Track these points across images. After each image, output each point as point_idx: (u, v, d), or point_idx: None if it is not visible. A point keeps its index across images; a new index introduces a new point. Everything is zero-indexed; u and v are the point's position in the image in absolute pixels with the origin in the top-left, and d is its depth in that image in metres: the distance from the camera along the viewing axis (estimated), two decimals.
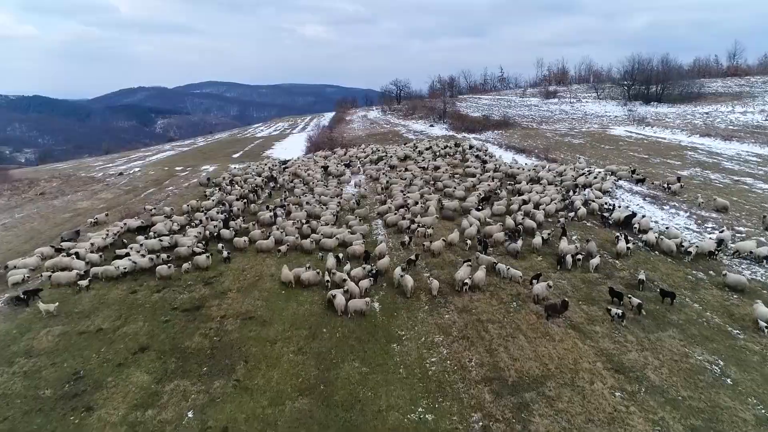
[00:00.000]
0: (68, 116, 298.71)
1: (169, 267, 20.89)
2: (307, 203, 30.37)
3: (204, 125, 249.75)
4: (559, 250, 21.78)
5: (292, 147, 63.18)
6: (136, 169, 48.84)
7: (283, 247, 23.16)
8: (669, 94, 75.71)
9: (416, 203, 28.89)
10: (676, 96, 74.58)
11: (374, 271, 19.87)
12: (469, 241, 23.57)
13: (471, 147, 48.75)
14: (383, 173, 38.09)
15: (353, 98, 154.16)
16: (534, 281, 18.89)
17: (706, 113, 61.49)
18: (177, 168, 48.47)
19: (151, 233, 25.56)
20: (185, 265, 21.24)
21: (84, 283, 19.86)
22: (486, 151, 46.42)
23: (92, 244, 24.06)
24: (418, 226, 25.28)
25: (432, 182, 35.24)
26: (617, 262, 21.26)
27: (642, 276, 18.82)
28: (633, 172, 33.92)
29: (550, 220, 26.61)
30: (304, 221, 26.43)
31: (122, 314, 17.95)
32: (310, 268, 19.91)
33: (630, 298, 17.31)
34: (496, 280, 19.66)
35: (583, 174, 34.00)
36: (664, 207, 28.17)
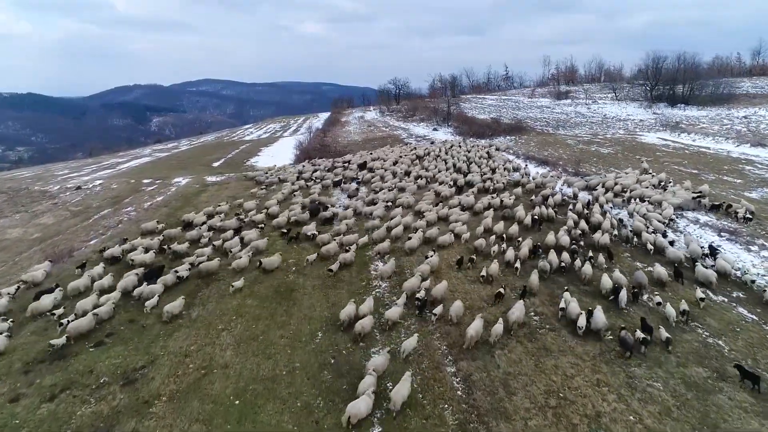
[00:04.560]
0: (63, 114, 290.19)
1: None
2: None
3: (200, 123, 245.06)
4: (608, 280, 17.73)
5: (280, 153, 56.42)
6: (98, 182, 42.06)
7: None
8: (696, 95, 68.91)
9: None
10: (704, 97, 67.70)
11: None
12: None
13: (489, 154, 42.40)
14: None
15: (350, 97, 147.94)
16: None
17: (745, 117, 54.92)
18: (145, 181, 41.77)
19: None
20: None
21: None
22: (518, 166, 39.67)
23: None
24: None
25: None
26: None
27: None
28: (699, 194, 27.27)
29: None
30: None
31: None
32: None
33: None
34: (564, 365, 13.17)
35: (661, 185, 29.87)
36: (752, 247, 21.64)
